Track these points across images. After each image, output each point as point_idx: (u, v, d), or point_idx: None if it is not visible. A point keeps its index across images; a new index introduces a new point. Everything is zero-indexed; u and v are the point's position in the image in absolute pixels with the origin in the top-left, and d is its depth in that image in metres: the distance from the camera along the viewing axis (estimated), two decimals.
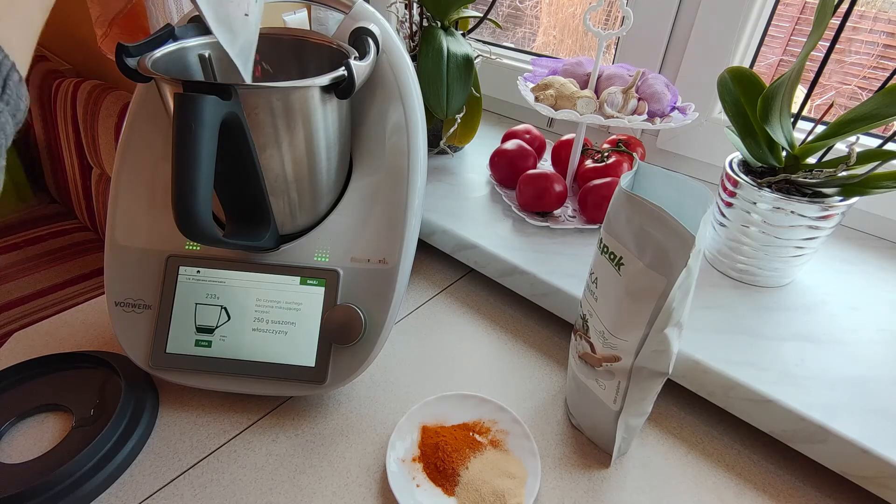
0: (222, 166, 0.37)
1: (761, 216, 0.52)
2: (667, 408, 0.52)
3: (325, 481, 0.44)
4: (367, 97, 0.49)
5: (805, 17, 0.72)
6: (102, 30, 0.82)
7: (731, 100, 0.54)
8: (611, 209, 0.39)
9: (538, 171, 0.66)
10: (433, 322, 0.61)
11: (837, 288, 0.57)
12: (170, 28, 0.44)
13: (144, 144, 0.48)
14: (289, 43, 0.49)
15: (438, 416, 0.48)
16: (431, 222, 0.66)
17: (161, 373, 0.47)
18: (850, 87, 0.73)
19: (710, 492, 0.44)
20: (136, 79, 0.41)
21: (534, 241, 0.62)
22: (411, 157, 0.48)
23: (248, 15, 0.38)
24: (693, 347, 0.48)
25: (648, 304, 0.37)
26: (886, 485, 0.40)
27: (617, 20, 0.91)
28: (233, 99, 0.37)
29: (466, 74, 0.68)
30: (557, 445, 0.48)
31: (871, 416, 0.43)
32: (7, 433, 0.46)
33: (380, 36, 0.48)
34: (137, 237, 0.48)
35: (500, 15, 1.06)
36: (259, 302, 0.46)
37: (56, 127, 1.28)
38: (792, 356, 0.48)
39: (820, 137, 0.50)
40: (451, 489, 0.43)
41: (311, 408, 0.50)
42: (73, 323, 0.58)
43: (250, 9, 0.39)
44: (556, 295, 0.56)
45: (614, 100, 0.60)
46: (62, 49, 1.38)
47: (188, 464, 0.45)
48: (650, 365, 0.39)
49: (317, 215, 0.48)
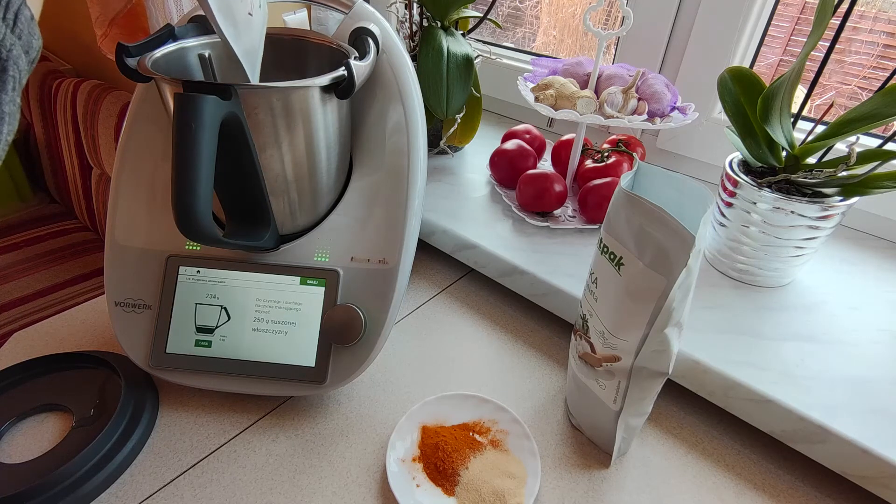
0: (222, 166, 0.37)
1: (761, 216, 0.52)
2: (667, 408, 0.52)
3: (325, 481, 0.44)
4: (367, 97, 0.49)
5: (805, 17, 0.72)
6: (102, 30, 0.82)
7: (731, 100, 0.54)
8: (611, 209, 0.39)
9: (538, 171, 0.66)
10: (433, 322, 0.61)
11: (837, 288, 0.57)
12: (170, 28, 0.44)
13: (144, 144, 0.48)
14: (289, 43, 0.49)
15: (438, 416, 0.48)
16: (431, 222, 0.66)
17: (161, 373, 0.47)
18: (850, 87, 0.73)
19: (710, 492, 0.44)
20: (136, 79, 0.41)
21: (534, 241, 0.62)
22: (411, 157, 0.48)
23: (251, 14, 0.38)
24: (693, 347, 0.48)
25: (648, 304, 0.37)
26: (886, 485, 0.40)
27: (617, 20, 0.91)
28: (233, 99, 0.37)
29: (466, 74, 0.68)
30: (557, 445, 0.48)
31: (871, 416, 0.43)
32: (7, 433, 0.46)
33: (380, 36, 0.48)
34: (137, 237, 0.48)
35: (500, 15, 1.06)
36: (259, 302, 0.46)
37: (56, 127, 1.28)
38: (792, 356, 0.48)
39: (820, 137, 0.50)
40: (451, 489, 0.43)
41: (311, 408, 0.50)
42: (73, 323, 0.58)
43: (254, 9, 0.39)
44: (556, 295, 0.56)
45: (614, 100, 0.60)
46: (62, 49, 1.38)
47: (188, 464, 0.45)
48: (650, 365, 0.39)
49: (317, 215, 0.48)
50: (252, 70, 0.40)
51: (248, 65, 0.39)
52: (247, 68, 0.40)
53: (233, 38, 0.37)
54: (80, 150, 1.21)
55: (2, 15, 0.19)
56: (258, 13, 0.39)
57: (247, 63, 0.39)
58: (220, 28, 0.36)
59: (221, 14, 0.36)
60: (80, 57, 1.31)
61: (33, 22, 0.20)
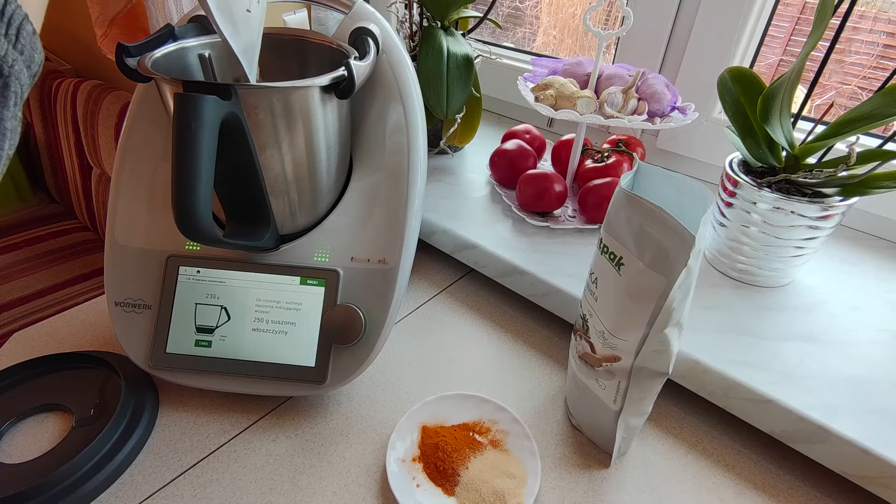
0: (222, 166, 0.37)
1: (761, 216, 0.52)
2: (667, 408, 0.52)
3: (325, 481, 0.44)
4: (367, 97, 0.49)
5: (805, 17, 0.72)
6: (102, 30, 0.82)
7: (731, 100, 0.54)
8: (611, 209, 0.39)
9: (538, 171, 0.66)
10: (433, 322, 0.61)
11: (837, 288, 0.57)
12: (170, 28, 0.44)
13: (144, 144, 0.48)
14: (289, 43, 0.49)
15: (438, 416, 0.48)
16: (431, 222, 0.66)
17: (161, 373, 0.47)
18: (850, 87, 0.73)
19: (710, 492, 0.44)
20: (136, 79, 0.41)
21: (534, 241, 0.62)
22: (411, 157, 0.48)
23: (250, 11, 0.38)
24: (693, 347, 0.48)
25: (648, 304, 0.37)
26: (886, 485, 0.40)
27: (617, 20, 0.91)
28: (233, 99, 0.37)
29: (466, 74, 0.68)
30: (557, 445, 0.48)
31: (871, 416, 0.43)
32: (7, 433, 0.46)
33: (380, 36, 0.48)
34: (137, 237, 0.48)
35: (500, 15, 1.06)
36: (259, 302, 0.46)
37: (56, 127, 1.28)
38: (792, 356, 0.48)
39: (820, 137, 0.50)
40: (451, 489, 0.43)
41: (311, 408, 0.50)
42: (73, 323, 0.58)
43: (252, 6, 0.39)
44: (556, 295, 0.56)
45: (614, 100, 0.60)
46: (62, 49, 1.38)
47: (188, 464, 0.45)
48: (650, 365, 0.39)
49: (317, 215, 0.48)
50: (250, 67, 0.40)
51: (245, 62, 0.39)
52: (245, 65, 0.39)
53: (231, 35, 0.37)
54: (80, 150, 1.21)
55: (4, 31, 0.19)
56: (256, 9, 0.39)
57: (245, 60, 0.39)
58: (219, 26, 0.36)
59: (220, 12, 0.36)
60: (80, 57, 1.31)
61: (35, 36, 0.20)
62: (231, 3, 0.37)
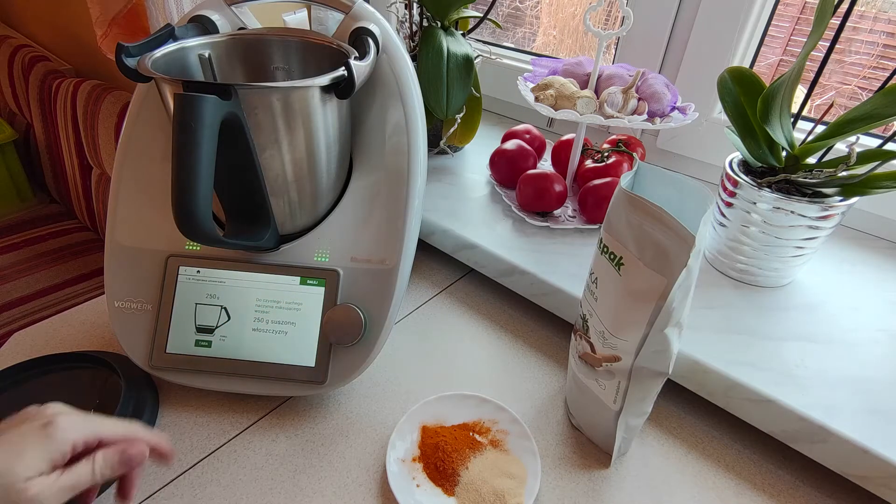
0: (222, 166, 0.37)
1: (761, 216, 0.52)
2: (667, 408, 0.52)
3: (325, 481, 0.44)
4: (367, 97, 0.49)
5: (805, 17, 0.72)
6: (102, 30, 0.82)
7: (731, 100, 0.53)
8: (611, 209, 0.39)
9: (538, 171, 0.66)
10: (433, 322, 0.61)
11: (837, 288, 0.57)
12: (170, 28, 0.44)
13: (144, 144, 0.48)
14: (289, 43, 0.49)
15: (438, 416, 0.48)
16: (431, 222, 0.66)
17: (161, 373, 0.47)
18: (850, 87, 0.73)
19: (710, 492, 0.44)
20: (136, 79, 0.41)
21: (534, 241, 0.62)
22: (411, 157, 0.48)
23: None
24: (693, 347, 0.48)
25: (648, 304, 0.37)
26: (886, 485, 0.40)
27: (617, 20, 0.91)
28: (233, 99, 0.37)
29: (466, 74, 0.68)
30: (557, 445, 0.48)
31: (871, 416, 0.43)
32: None
33: (380, 36, 0.48)
34: (137, 237, 0.48)
35: (500, 15, 1.06)
36: (259, 302, 0.46)
37: (56, 127, 1.28)
38: (792, 356, 0.48)
39: (820, 137, 0.50)
40: (451, 489, 0.43)
41: (311, 408, 0.50)
42: (73, 323, 0.58)
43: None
44: (556, 295, 0.56)
45: (614, 100, 0.60)
46: (62, 49, 1.38)
47: (188, 464, 0.45)
48: (650, 365, 0.39)
49: (317, 215, 0.48)
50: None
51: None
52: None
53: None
54: (80, 150, 1.21)
55: None
56: None
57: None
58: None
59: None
60: (80, 57, 1.31)
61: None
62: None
